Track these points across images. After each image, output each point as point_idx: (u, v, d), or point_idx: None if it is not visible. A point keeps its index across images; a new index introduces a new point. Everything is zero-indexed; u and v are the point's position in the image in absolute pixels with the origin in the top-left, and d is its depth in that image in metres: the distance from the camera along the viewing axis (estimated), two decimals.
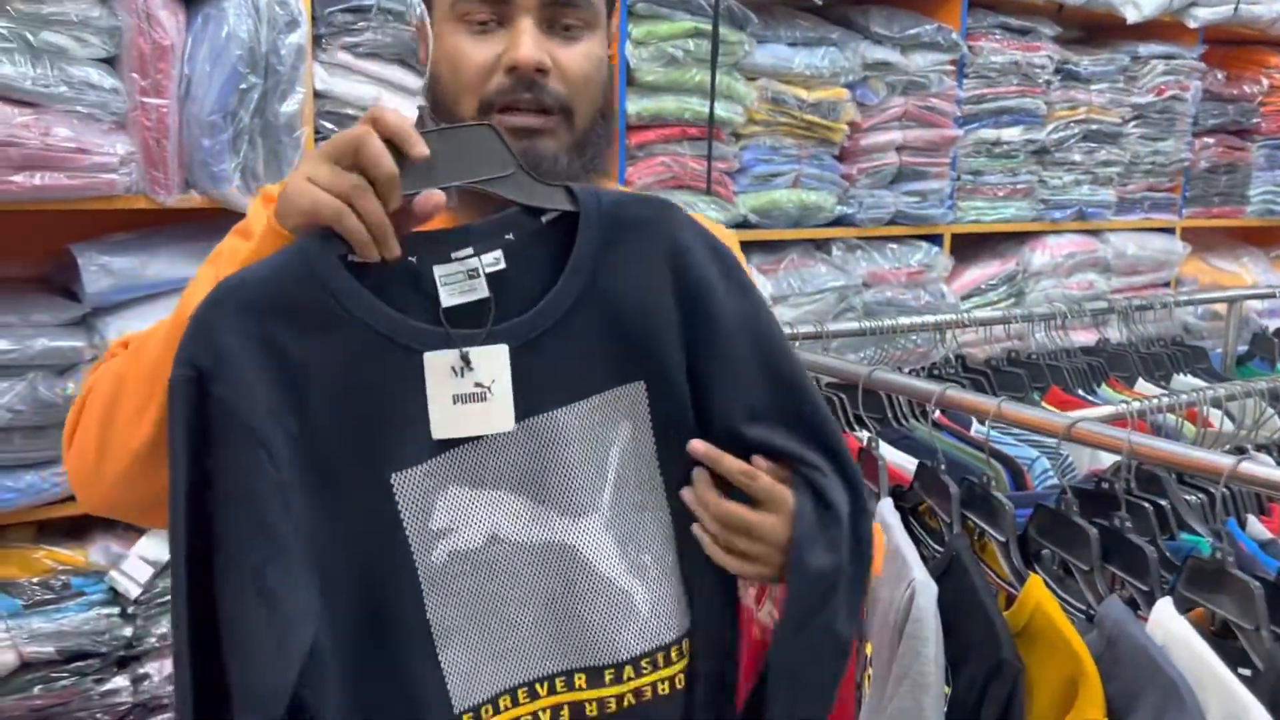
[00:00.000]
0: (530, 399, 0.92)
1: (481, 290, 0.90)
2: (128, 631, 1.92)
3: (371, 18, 2.03)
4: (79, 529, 1.99)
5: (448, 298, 0.90)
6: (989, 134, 2.99)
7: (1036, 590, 1.26)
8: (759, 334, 0.97)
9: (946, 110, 2.86)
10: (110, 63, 1.83)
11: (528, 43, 1.00)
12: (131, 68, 1.81)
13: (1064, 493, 1.35)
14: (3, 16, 1.69)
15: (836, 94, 2.65)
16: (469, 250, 0.90)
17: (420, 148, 0.86)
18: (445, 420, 0.90)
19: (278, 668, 0.83)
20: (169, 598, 2.03)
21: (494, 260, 0.91)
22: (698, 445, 0.95)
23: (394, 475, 0.89)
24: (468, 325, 0.90)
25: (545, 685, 0.95)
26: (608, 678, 0.96)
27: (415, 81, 2.09)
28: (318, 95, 2.02)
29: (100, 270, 1.88)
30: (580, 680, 0.96)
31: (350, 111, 2.06)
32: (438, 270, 0.90)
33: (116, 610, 1.92)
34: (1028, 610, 1.27)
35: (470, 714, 0.92)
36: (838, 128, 2.68)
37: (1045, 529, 1.36)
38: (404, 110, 2.08)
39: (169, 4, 1.82)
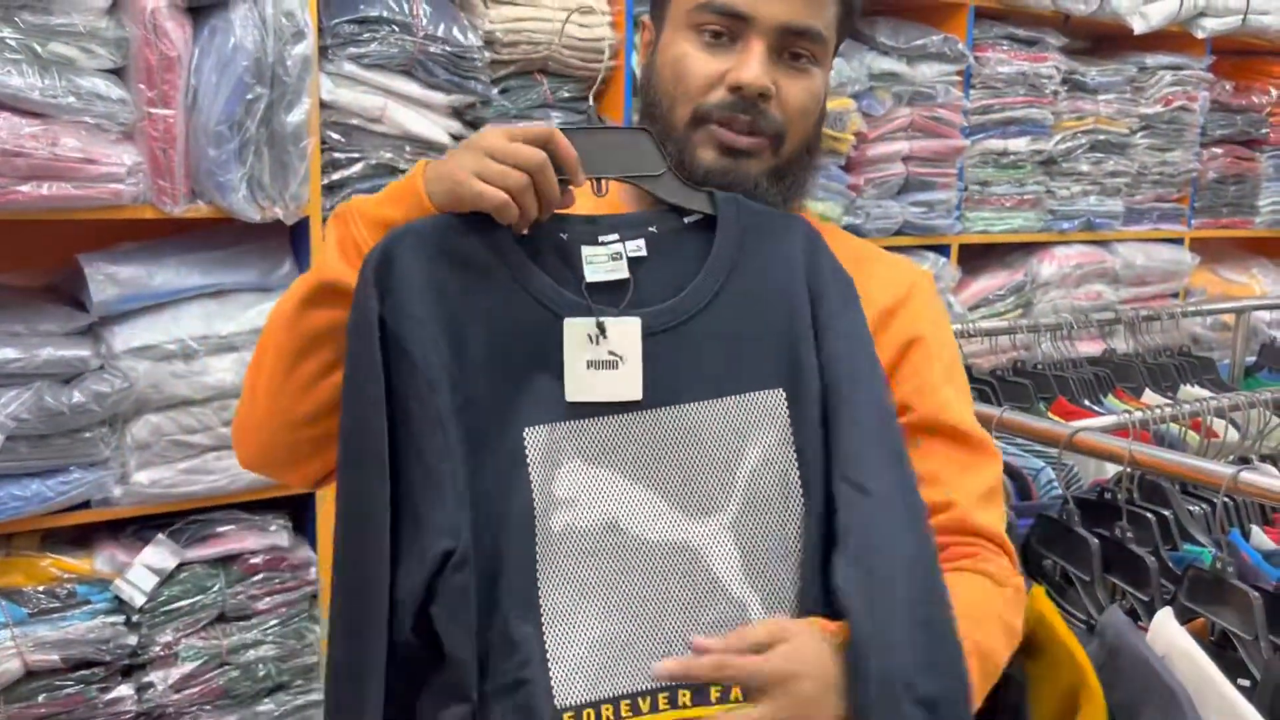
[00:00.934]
0: (661, 389, 0.96)
1: (622, 271, 0.98)
2: (132, 640, 1.92)
3: (377, 29, 2.03)
4: (84, 537, 2.00)
5: (591, 274, 0.98)
6: (996, 144, 2.99)
7: (1039, 601, 1.26)
8: (862, 366, 1.01)
9: (953, 121, 2.86)
10: (118, 74, 1.84)
11: (755, 65, 1.03)
12: (139, 79, 1.82)
13: (1066, 503, 1.35)
14: (11, 28, 1.70)
15: (843, 105, 2.65)
16: (615, 236, 0.99)
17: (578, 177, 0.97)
18: (579, 384, 0.95)
19: (415, 580, 0.90)
20: (172, 605, 2.02)
21: (636, 248, 0.99)
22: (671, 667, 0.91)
23: (527, 430, 0.94)
24: (608, 304, 0.97)
25: (648, 700, 0.91)
26: (714, 695, 0.91)
27: (421, 92, 2.09)
28: (324, 105, 2.03)
29: (107, 280, 1.89)
30: (685, 698, 0.91)
31: (355, 121, 2.06)
32: (585, 250, 0.98)
33: (121, 619, 1.92)
34: (1030, 621, 1.26)
35: (571, 714, 0.90)
36: (844, 138, 2.68)
37: (1047, 539, 1.36)
38: (413, 119, 2.10)
39: (176, 15, 1.83)
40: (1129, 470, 1.28)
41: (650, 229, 1.00)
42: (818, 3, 1.06)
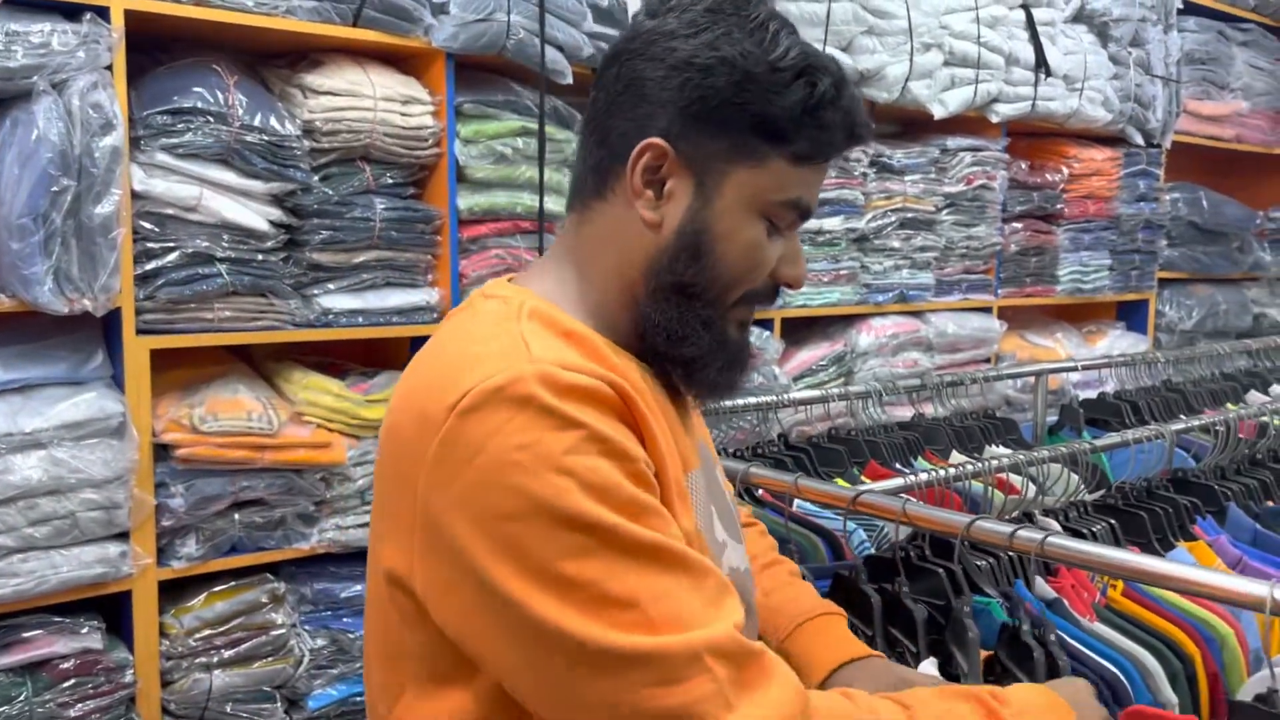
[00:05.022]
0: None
1: None
2: None
3: (191, 120, 2.03)
4: None
5: None
6: (812, 224, 3.13)
7: None
8: None
9: None
10: None
11: (804, 264, 1.08)
12: None
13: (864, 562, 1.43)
14: None
15: None
16: None
17: None
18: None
19: None
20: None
21: None
22: None
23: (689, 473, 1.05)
24: None
25: None
26: None
27: (237, 180, 2.09)
28: (136, 196, 2.01)
29: None
30: None
31: (170, 211, 2.05)
32: None
33: None
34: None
35: None
36: None
37: (841, 597, 1.43)
38: (230, 207, 2.09)
39: None
40: (910, 528, 1.36)
41: None
42: None
